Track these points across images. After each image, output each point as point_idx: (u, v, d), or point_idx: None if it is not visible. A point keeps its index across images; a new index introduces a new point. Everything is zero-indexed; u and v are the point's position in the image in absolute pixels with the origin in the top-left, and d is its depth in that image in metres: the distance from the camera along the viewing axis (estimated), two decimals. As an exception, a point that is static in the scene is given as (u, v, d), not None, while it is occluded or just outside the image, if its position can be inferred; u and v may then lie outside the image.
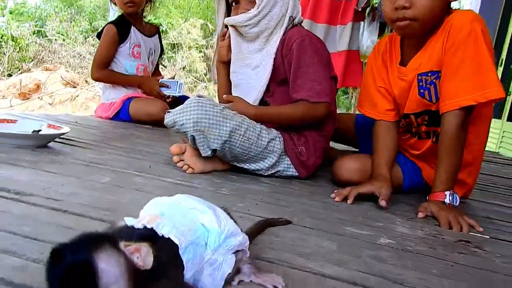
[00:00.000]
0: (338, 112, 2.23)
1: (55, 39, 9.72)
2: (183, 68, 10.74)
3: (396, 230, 1.42)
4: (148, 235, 0.72)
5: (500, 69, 5.22)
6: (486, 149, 2.12)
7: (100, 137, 2.31)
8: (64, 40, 9.88)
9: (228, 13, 2.13)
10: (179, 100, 3.21)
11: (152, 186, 1.52)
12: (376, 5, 3.54)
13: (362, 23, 3.59)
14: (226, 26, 2.07)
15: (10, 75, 7.91)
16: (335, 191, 1.75)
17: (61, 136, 2.03)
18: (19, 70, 8.49)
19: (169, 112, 1.88)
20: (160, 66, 3.60)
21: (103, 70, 3.09)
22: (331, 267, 1.03)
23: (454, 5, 1.69)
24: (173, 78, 3.35)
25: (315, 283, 0.94)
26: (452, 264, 1.17)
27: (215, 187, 1.63)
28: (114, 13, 3.69)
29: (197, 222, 0.82)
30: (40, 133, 1.89)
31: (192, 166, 1.82)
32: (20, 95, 7.27)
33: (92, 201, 1.23)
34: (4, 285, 0.73)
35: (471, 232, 1.48)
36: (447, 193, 1.60)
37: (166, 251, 0.72)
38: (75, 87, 7.76)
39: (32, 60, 8.97)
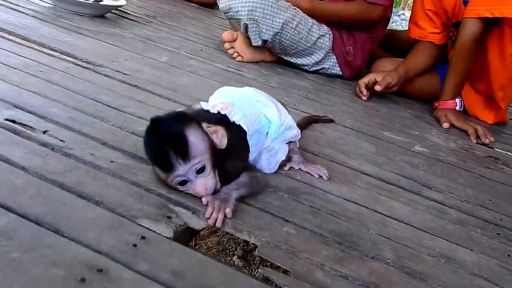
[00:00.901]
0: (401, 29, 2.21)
1: None
2: None
3: (431, 140, 1.51)
4: (222, 120, 0.83)
5: None
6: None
7: (151, 12, 2.35)
8: None
9: None
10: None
11: (205, 70, 1.60)
12: None
13: None
14: None
15: None
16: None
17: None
18: None
19: None
20: None
21: None
22: (368, 165, 1.15)
23: None
24: None
25: (353, 177, 1.06)
26: (478, 176, 1.27)
27: (263, 78, 1.71)
28: None
29: (261, 114, 0.92)
30: (100, 3, 1.94)
31: (241, 54, 1.88)
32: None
33: (156, 80, 1.34)
34: (101, 144, 0.87)
35: (503, 150, 1.57)
36: (457, 100, 1.72)
37: (237, 135, 0.83)
38: None
39: None
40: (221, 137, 0.79)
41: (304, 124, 1.28)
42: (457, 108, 1.72)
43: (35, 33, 1.44)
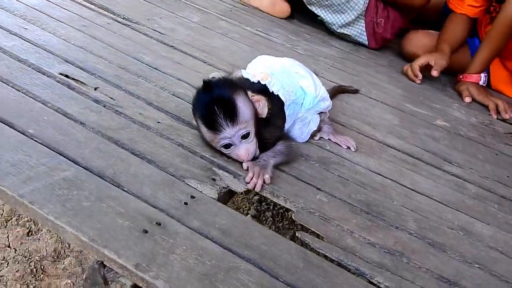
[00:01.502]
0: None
1: None
2: None
3: (452, 114, 1.53)
4: (263, 90, 0.87)
5: None
6: None
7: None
8: None
9: None
10: None
11: (235, 33, 1.62)
12: None
13: None
14: None
15: None
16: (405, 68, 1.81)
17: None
18: None
19: None
20: None
21: None
22: (392, 138, 1.19)
23: None
24: None
25: (379, 149, 1.10)
26: (497, 153, 1.31)
27: (291, 44, 1.72)
28: None
29: (297, 85, 0.96)
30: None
31: None
32: None
33: (190, 40, 1.37)
34: (146, 104, 0.92)
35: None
36: (482, 75, 1.70)
37: (276, 105, 0.87)
38: None
39: None
40: (263, 107, 0.83)
41: (332, 94, 1.31)
42: (481, 83, 1.72)
43: (73, -15, 1.46)
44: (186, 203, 0.67)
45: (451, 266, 0.75)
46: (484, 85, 1.75)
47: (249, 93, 0.82)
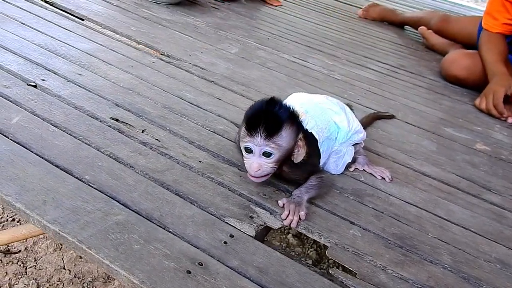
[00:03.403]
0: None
1: None
2: None
3: (493, 137, 1.51)
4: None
5: None
6: None
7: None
8: None
9: None
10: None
11: (273, 62, 1.68)
12: None
13: None
14: None
15: None
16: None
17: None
18: None
19: None
20: None
21: None
22: (429, 166, 1.20)
23: None
24: None
25: (414, 178, 1.12)
26: (539, 179, 1.29)
27: (327, 69, 1.76)
28: None
29: (331, 121, 1.00)
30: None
31: None
32: None
33: (229, 74, 1.44)
34: (189, 143, 0.99)
35: None
36: None
37: (310, 143, 0.91)
38: None
39: None
40: (299, 154, 0.87)
41: (367, 122, 1.34)
42: None
43: (122, 25, 1.58)
44: (225, 242, 0.72)
45: (486, 301, 0.76)
46: None
47: (301, 135, 0.86)
